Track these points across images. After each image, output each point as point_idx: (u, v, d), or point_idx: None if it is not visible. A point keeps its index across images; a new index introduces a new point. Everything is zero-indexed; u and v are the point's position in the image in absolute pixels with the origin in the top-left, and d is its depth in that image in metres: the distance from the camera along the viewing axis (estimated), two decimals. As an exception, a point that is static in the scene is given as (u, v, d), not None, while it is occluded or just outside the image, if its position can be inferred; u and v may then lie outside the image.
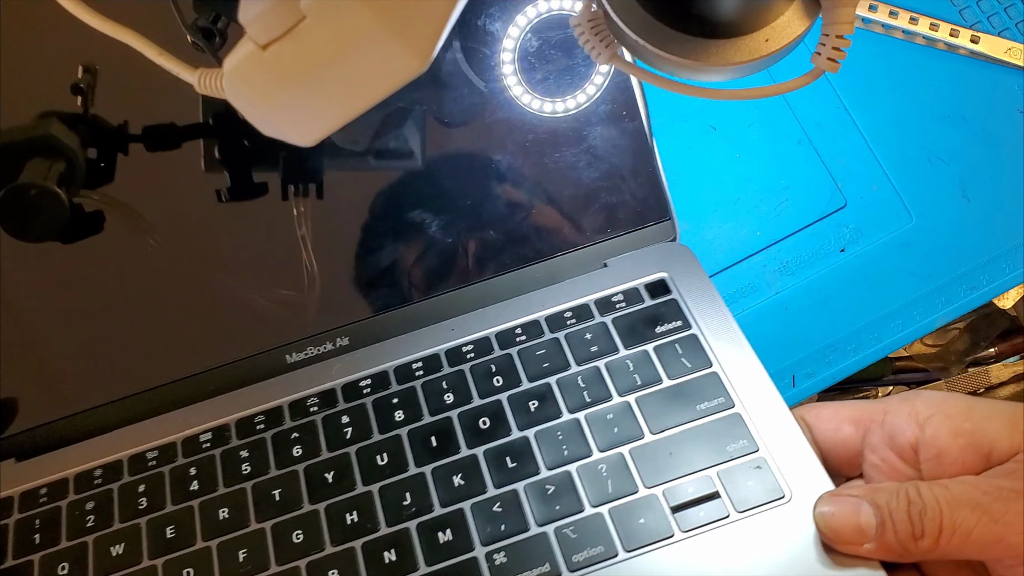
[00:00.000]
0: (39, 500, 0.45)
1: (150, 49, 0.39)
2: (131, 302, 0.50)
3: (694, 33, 0.30)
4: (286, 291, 0.49)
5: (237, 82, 0.31)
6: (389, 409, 0.45)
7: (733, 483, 0.39)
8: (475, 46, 0.50)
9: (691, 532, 0.38)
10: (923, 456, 0.37)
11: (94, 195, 0.49)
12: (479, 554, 0.39)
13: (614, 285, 0.48)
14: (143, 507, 0.44)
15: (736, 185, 0.54)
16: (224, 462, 0.44)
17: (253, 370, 0.48)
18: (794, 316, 0.52)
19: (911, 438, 0.37)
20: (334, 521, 0.41)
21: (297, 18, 0.28)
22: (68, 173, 0.46)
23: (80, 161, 0.47)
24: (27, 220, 0.45)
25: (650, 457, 0.41)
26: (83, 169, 0.48)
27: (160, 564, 0.42)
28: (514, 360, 0.45)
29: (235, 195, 0.49)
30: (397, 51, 0.28)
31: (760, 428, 0.41)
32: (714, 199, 0.54)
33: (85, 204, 0.49)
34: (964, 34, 0.51)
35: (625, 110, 0.50)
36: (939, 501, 0.33)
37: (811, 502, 0.38)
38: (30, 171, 0.45)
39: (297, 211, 0.49)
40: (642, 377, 0.43)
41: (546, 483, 0.41)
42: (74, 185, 0.47)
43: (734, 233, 0.53)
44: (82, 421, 0.48)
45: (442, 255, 0.49)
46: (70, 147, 0.47)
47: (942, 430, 0.36)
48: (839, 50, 0.29)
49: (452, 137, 0.50)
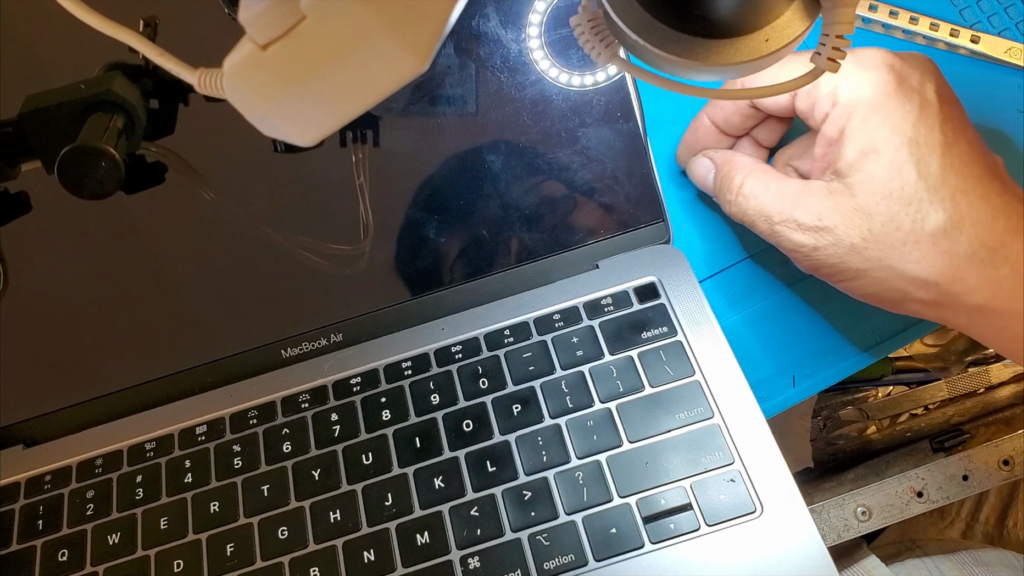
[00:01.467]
0: (43, 487, 0.47)
1: (151, 49, 0.40)
2: (137, 294, 0.51)
3: (694, 33, 0.30)
4: (341, 246, 0.50)
5: (237, 82, 0.31)
6: (377, 408, 0.46)
7: (706, 496, 0.40)
8: (468, 46, 0.50)
9: (661, 544, 0.39)
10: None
11: (153, 147, 0.50)
12: (454, 558, 0.40)
13: (604, 288, 0.48)
14: (140, 497, 0.45)
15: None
16: (217, 456, 0.46)
17: (250, 364, 0.49)
18: (794, 316, 0.52)
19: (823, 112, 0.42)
20: (318, 519, 0.43)
21: (297, 18, 0.28)
22: (128, 127, 0.48)
23: (140, 115, 0.49)
24: (83, 179, 0.46)
25: (626, 466, 0.41)
26: (143, 123, 0.49)
27: (153, 555, 0.43)
28: (501, 362, 0.46)
29: (290, 146, 0.50)
30: (397, 51, 0.28)
31: (736, 440, 0.41)
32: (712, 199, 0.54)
33: (147, 156, 0.51)
34: (964, 34, 0.50)
35: (620, 111, 0.49)
36: (744, 168, 0.45)
37: (782, 518, 0.38)
38: (90, 126, 0.47)
39: (356, 157, 0.50)
40: (625, 384, 0.44)
41: (523, 488, 0.42)
42: (134, 137, 0.49)
43: (734, 233, 0.53)
44: (86, 410, 0.49)
45: (437, 254, 0.50)
46: (130, 102, 0.48)
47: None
48: (839, 50, 0.29)
49: (445, 137, 0.50)
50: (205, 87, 0.36)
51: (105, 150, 0.45)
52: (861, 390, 0.65)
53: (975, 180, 0.38)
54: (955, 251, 0.38)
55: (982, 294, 0.38)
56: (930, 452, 0.59)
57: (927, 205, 0.38)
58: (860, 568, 0.56)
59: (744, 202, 0.44)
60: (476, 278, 0.49)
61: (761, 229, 0.43)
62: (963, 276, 0.38)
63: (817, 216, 0.40)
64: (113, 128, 0.47)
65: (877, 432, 0.67)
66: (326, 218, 0.51)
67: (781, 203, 0.42)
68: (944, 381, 0.63)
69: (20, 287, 0.50)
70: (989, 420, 0.61)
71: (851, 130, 0.40)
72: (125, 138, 0.47)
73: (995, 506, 0.67)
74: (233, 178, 0.51)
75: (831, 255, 0.41)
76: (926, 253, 0.38)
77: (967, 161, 0.38)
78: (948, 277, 0.38)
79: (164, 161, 0.51)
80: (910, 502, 0.56)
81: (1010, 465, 0.56)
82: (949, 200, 0.38)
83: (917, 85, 0.39)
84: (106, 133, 0.46)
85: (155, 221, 0.51)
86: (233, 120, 0.30)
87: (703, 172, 0.48)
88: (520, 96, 0.50)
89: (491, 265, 0.49)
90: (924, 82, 0.39)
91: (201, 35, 0.51)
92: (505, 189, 0.50)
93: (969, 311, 0.39)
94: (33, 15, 0.51)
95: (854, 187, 0.39)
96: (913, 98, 0.39)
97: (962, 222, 0.38)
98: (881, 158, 0.39)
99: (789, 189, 0.42)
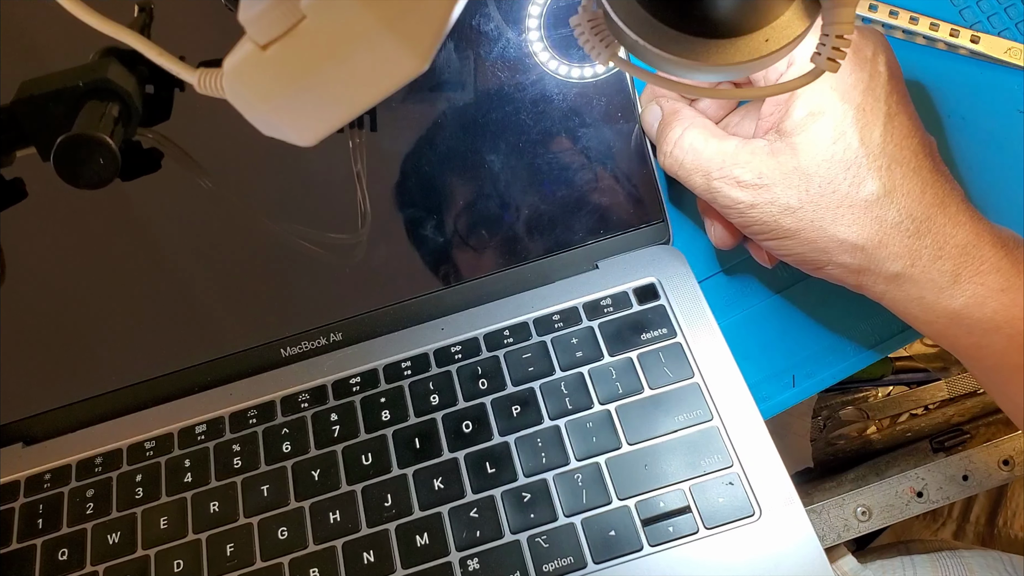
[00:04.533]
0: (43, 485, 0.47)
1: (150, 49, 0.40)
2: (136, 289, 0.51)
3: (694, 33, 0.30)
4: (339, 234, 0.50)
5: (237, 82, 0.31)
6: (376, 408, 0.46)
7: (704, 498, 0.40)
8: (468, 43, 0.50)
9: (659, 547, 0.39)
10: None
11: (149, 133, 0.50)
12: (454, 559, 0.40)
13: (604, 288, 0.48)
14: (139, 497, 0.45)
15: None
16: (217, 455, 0.46)
17: (250, 362, 0.49)
18: (794, 316, 0.52)
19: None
20: (318, 519, 0.43)
21: (297, 18, 0.28)
22: (123, 114, 0.48)
23: (136, 102, 0.48)
24: (80, 168, 0.46)
25: (625, 468, 0.41)
26: (138, 110, 0.49)
27: (153, 554, 0.43)
28: (500, 363, 0.46)
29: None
30: (397, 51, 0.28)
31: (735, 443, 0.41)
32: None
33: (143, 142, 0.50)
34: (964, 34, 0.50)
35: (621, 110, 0.49)
36: (685, 120, 0.44)
37: (780, 522, 0.38)
38: (86, 115, 0.46)
39: (354, 143, 0.50)
40: (624, 386, 0.44)
41: (523, 490, 0.42)
42: (130, 124, 0.48)
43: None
44: (85, 409, 0.49)
45: (435, 254, 0.50)
46: (125, 89, 0.48)
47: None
48: (839, 50, 0.29)
49: (444, 136, 0.50)
50: (205, 87, 0.36)
51: (101, 139, 0.45)
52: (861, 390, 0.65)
53: (911, 153, 0.40)
54: (884, 218, 0.39)
55: (903, 262, 0.40)
56: (930, 452, 0.59)
57: (865, 172, 0.40)
58: (836, 568, 0.56)
59: (681, 155, 0.44)
60: (476, 277, 0.49)
61: (696, 183, 0.44)
62: (888, 243, 0.40)
63: (758, 174, 0.41)
64: (108, 116, 0.47)
65: (877, 432, 0.67)
66: (323, 205, 0.51)
67: (722, 159, 0.42)
68: (944, 381, 0.63)
69: (18, 280, 0.50)
70: (989, 420, 0.61)
71: (802, 91, 0.41)
72: (121, 125, 0.47)
73: (985, 506, 0.67)
74: (229, 164, 0.51)
75: (765, 213, 0.41)
76: (858, 218, 0.40)
77: (906, 134, 0.40)
78: (874, 243, 0.40)
79: (160, 148, 0.50)
80: (910, 502, 0.56)
81: (1010, 465, 0.56)
82: (885, 169, 0.40)
83: (871, 56, 0.41)
84: (102, 121, 0.46)
85: (152, 211, 0.51)
86: (229, 106, 0.30)
87: (651, 120, 0.48)
88: (520, 96, 0.50)
89: (491, 264, 0.49)
90: (877, 54, 0.41)
91: (197, 24, 0.51)
92: (505, 188, 0.49)
93: (888, 278, 0.40)
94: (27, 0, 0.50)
95: (797, 147, 0.40)
96: (865, 68, 0.40)
97: (894, 191, 0.39)
98: (827, 121, 0.40)
99: (729, 146, 0.42)
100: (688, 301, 0.46)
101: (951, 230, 0.39)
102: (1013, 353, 0.39)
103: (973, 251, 0.39)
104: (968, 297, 0.39)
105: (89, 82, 0.47)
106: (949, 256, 0.39)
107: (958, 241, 0.39)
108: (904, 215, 0.39)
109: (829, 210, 0.40)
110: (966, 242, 0.39)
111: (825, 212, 0.40)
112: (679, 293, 0.47)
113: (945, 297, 0.39)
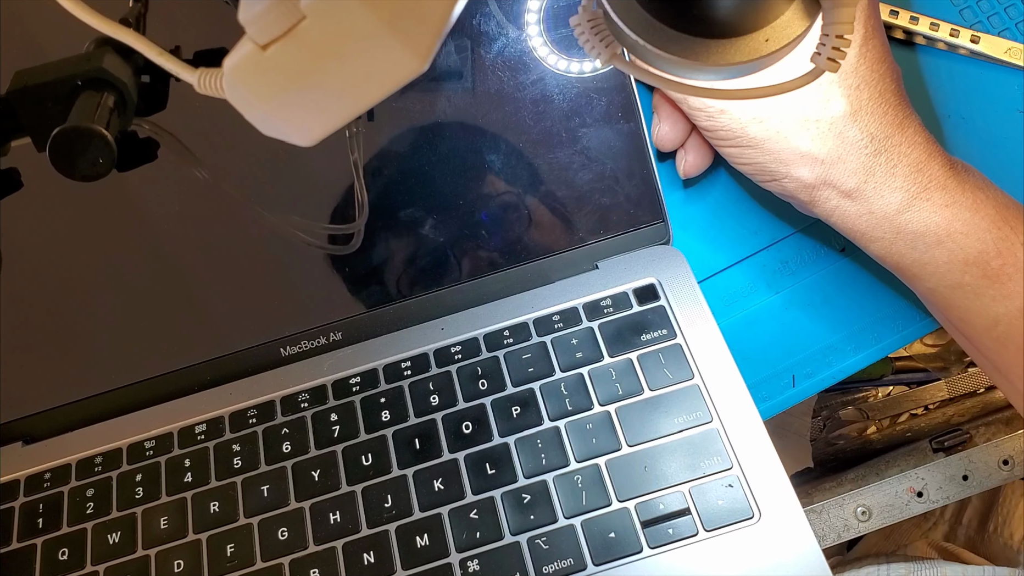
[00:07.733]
0: (43, 485, 0.47)
1: (150, 49, 0.39)
2: (136, 286, 0.50)
3: (694, 33, 0.30)
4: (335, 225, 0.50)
5: (237, 82, 0.31)
6: (376, 408, 0.46)
7: (704, 500, 0.40)
8: (468, 41, 0.50)
9: (659, 549, 0.39)
10: None
11: (145, 123, 0.50)
12: (454, 560, 0.40)
13: (604, 289, 0.48)
14: (140, 496, 0.45)
15: (734, 184, 0.54)
16: (217, 455, 0.46)
17: (250, 361, 0.49)
18: (794, 316, 0.52)
19: None
20: (318, 520, 0.43)
21: (297, 18, 0.28)
22: (119, 105, 0.47)
23: (131, 92, 0.48)
24: (76, 160, 0.46)
25: (625, 470, 0.41)
26: (134, 100, 0.48)
27: (153, 554, 0.43)
28: (500, 363, 0.46)
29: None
30: (397, 51, 0.28)
31: (735, 445, 0.41)
32: (713, 199, 0.54)
33: (139, 132, 0.50)
34: (964, 34, 0.50)
35: (621, 110, 0.49)
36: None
37: (780, 524, 0.38)
38: (81, 106, 0.46)
39: (353, 142, 0.50)
40: (624, 387, 0.44)
41: (523, 492, 0.42)
42: (125, 114, 0.48)
43: (733, 233, 0.53)
44: (85, 407, 0.49)
45: (435, 253, 0.50)
46: (121, 79, 0.47)
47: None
48: (839, 50, 0.29)
49: (444, 137, 0.50)
50: (205, 87, 0.36)
51: (97, 131, 0.45)
52: (861, 390, 0.65)
53: (879, 77, 0.41)
54: (846, 135, 0.41)
55: (857, 177, 0.41)
56: (930, 452, 0.59)
57: (836, 88, 0.41)
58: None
59: None
60: (475, 277, 0.49)
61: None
62: (847, 159, 0.41)
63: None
64: (104, 106, 0.46)
65: (877, 432, 0.67)
66: (323, 202, 0.50)
67: None
68: (944, 381, 0.63)
69: (14, 273, 0.50)
70: (989, 420, 0.61)
71: None
72: (117, 116, 0.47)
73: (977, 508, 0.67)
74: (226, 155, 0.51)
75: (734, 119, 0.42)
76: (822, 132, 0.41)
77: (877, 58, 0.41)
78: (833, 158, 0.41)
79: (157, 138, 0.50)
80: (910, 502, 0.56)
81: (1010, 465, 0.56)
82: (854, 89, 0.41)
83: None
84: (97, 111, 0.46)
85: (149, 202, 0.51)
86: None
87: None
88: (520, 96, 0.49)
89: (490, 264, 0.49)
90: None
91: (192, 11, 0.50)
92: (504, 188, 0.49)
93: (841, 194, 0.42)
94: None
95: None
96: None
97: (860, 111, 0.41)
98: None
99: None
100: (688, 302, 0.46)
101: (906, 149, 0.41)
102: (954, 270, 0.40)
103: (924, 168, 0.41)
104: (914, 212, 0.41)
105: (84, 72, 0.47)
106: (901, 174, 0.41)
107: (911, 160, 0.41)
108: (865, 134, 0.41)
109: (796, 122, 0.41)
110: (918, 160, 0.41)
111: (792, 124, 0.41)
112: (679, 293, 0.47)
113: (892, 212, 0.41)
